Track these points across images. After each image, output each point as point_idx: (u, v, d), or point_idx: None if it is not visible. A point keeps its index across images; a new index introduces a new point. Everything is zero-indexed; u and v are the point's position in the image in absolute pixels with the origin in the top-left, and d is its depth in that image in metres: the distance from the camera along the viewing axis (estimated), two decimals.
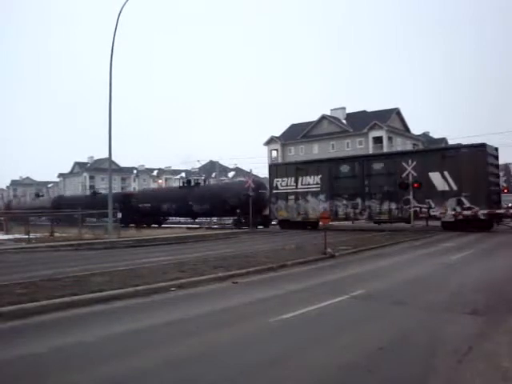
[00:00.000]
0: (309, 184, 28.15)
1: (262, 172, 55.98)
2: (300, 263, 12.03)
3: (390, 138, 63.60)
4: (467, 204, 22.58)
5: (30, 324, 6.39)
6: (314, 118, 70.17)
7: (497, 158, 23.90)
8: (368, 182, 25.95)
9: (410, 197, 23.86)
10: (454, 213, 22.93)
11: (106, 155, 26.32)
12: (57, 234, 24.84)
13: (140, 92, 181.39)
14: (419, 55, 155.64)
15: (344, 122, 68.19)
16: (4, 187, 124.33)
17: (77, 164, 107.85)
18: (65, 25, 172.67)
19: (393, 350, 5.04)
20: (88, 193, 58.10)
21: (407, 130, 70.30)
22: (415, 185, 23.61)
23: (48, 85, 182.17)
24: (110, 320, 6.66)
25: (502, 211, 22.95)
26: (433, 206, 23.57)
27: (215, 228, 33.89)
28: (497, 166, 23.88)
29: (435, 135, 80.00)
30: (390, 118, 65.38)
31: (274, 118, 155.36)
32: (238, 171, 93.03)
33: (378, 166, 25.93)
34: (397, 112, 68.04)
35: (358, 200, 26.20)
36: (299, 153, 69.60)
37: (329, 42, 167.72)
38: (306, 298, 7.71)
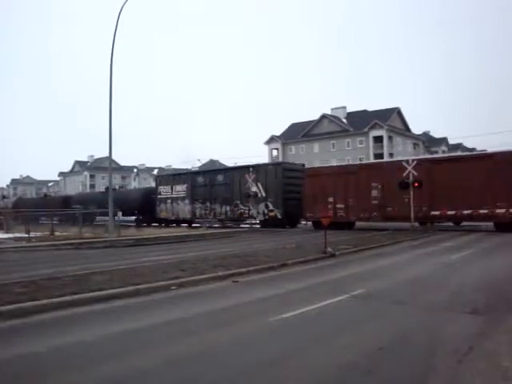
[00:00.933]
0: (179, 191, 35.48)
1: None
2: (300, 262, 12.02)
3: (390, 138, 63.64)
4: (271, 207, 29.28)
5: (29, 323, 6.38)
6: (315, 117, 70.20)
7: (298, 171, 29.81)
8: (213, 190, 33.00)
9: (238, 201, 31.19)
10: (263, 214, 29.85)
11: (107, 154, 26.35)
12: (57, 233, 24.85)
13: (140, 92, 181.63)
14: (419, 55, 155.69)
15: (344, 121, 68.19)
16: (4, 186, 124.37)
17: (77, 163, 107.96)
18: (65, 25, 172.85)
19: (393, 349, 5.03)
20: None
21: (408, 129, 70.29)
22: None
23: (48, 85, 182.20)
24: (109, 319, 6.65)
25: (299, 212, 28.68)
26: (252, 208, 30.42)
27: (215, 227, 33.97)
28: (297, 177, 28.81)
29: (436, 135, 79.89)
30: (391, 118, 65.40)
31: (275, 118, 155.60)
32: None
33: (220, 177, 33.12)
34: (397, 111, 68.04)
35: (208, 204, 33.32)
36: (300, 152, 69.64)
37: (329, 42, 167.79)
38: (306, 298, 7.71)
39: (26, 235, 22.23)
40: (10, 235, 24.22)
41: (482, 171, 21.80)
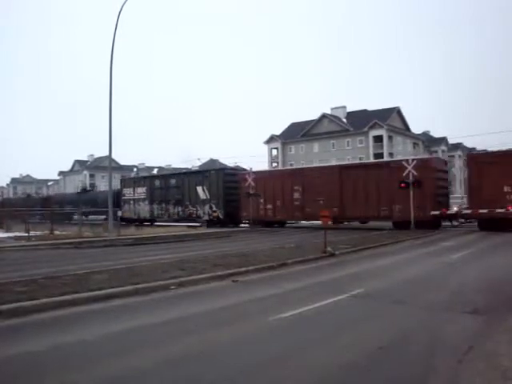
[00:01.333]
0: (140, 193, 38.61)
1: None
2: (300, 262, 12.02)
3: (390, 137, 63.60)
4: (214, 208, 32.51)
5: (29, 322, 6.38)
6: (315, 116, 70.12)
7: (235, 175, 33.02)
8: (168, 193, 36.23)
9: (188, 203, 34.52)
10: (208, 214, 32.93)
11: (107, 153, 26.31)
12: (57, 232, 24.83)
13: (140, 92, 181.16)
14: (419, 55, 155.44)
15: (344, 120, 68.12)
16: (4, 185, 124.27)
17: (77, 162, 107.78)
18: (65, 25, 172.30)
19: (393, 349, 5.03)
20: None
21: (407, 129, 70.25)
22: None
23: (48, 85, 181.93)
24: (109, 318, 6.64)
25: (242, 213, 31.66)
26: (199, 209, 33.66)
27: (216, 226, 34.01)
28: (235, 181, 32.17)
29: (436, 134, 79.80)
30: (391, 117, 65.35)
31: (275, 117, 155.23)
32: (239, 170, 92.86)
33: (173, 181, 36.38)
34: (397, 111, 67.97)
35: (163, 205, 36.44)
36: (299, 152, 69.62)
37: (329, 42, 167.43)
38: (306, 297, 7.70)
39: (26, 234, 22.21)
40: (10, 234, 24.21)
41: (381, 176, 25.43)
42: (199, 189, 33.57)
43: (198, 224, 33.54)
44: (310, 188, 27.98)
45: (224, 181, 32.38)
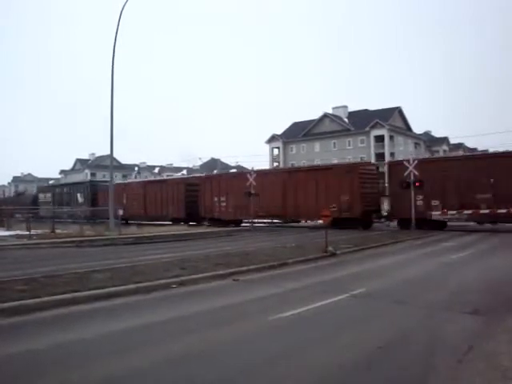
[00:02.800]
0: (48, 197, 48.72)
1: None
2: (301, 261, 12.03)
3: (391, 137, 63.53)
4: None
5: (30, 320, 6.40)
6: (316, 116, 70.07)
7: (96, 186, 42.63)
8: (62, 197, 45.64)
9: (74, 204, 42.70)
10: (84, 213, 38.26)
11: (107, 152, 26.39)
12: (58, 231, 24.86)
13: (140, 91, 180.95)
14: (419, 55, 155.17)
15: (346, 120, 68.06)
16: (5, 184, 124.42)
17: (78, 161, 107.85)
18: (65, 25, 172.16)
19: (393, 349, 5.04)
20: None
21: (409, 128, 70.17)
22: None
23: (48, 85, 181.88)
24: (110, 317, 6.67)
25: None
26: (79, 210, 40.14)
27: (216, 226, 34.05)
28: (96, 191, 41.20)
29: (437, 134, 79.67)
30: (392, 117, 65.28)
31: (276, 117, 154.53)
32: (240, 169, 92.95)
33: (66, 189, 47.12)
34: (399, 111, 67.90)
35: (68, 208, 42.76)
36: (301, 151, 69.62)
37: (329, 42, 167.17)
38: (307, 297, 7.71)
39: (27, 233, 22.24)
40: (12, 232, 24.25)
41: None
42: (79, 195, 43.85)
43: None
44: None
45: (91, 189, 42.46)
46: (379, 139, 62.93)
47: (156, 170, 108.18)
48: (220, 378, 4.24)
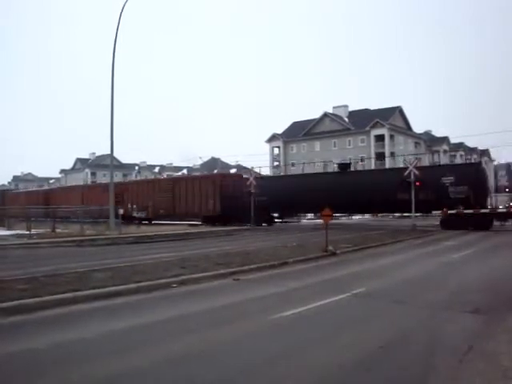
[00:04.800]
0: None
1: (264, 171, 56.18)
2: (301, 261, 12.04)
3: (392, 137, 63.48)
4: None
5: (30, 319, 6.41)
6: (316, 115, 70.03)
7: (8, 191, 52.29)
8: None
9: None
10: None
11: (108, 152, 26.40)
12: (58, 230, 24.88)
13: (140, 91, 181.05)
14: (419, 55, 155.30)
15: (346, 119, 68.01)
16: (6, 183, 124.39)
17: (78, 160, 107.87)
18: (65, 25, 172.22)
19: (393, 349, 5.04)
20: None
21: (409, 128, 70.12)
22: None
23: (48, 85, 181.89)
24: (110, 316, 6.67)
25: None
26: None
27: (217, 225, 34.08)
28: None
29: (437, 134, 79.61)
30: (393, 117, 65.22)
31: (276, 116, 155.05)
32: (240, 168, 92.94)
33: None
34: (399, 110, 67.84)
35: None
36: (301, 151, 69.59)
37: (329, 42, 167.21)
38: (307, 296, 7.71)
39: (28, 232, 22.24)
40: (12, 232, 24.25)
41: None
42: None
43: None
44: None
45: (2, 195, 51.58)
46: (379, 139, 62.88)
47: (156, 170, 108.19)
48: (220, 378, 4.24)
